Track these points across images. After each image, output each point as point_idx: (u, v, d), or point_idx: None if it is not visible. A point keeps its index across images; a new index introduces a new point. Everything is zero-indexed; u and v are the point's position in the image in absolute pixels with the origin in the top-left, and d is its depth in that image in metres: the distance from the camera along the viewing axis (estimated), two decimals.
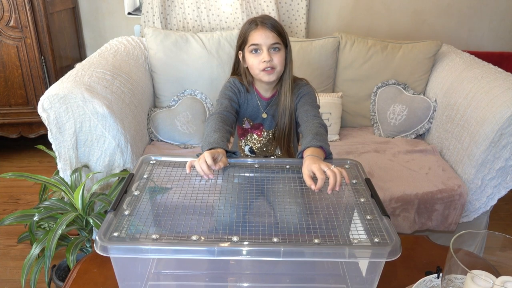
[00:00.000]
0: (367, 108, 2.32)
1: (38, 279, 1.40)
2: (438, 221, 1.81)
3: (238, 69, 1.53)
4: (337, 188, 1.01)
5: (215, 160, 1.08)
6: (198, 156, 1.08)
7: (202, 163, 1.04)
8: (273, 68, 1.39)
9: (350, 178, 1.09)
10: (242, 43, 1.43)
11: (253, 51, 1.40)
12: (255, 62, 1.39)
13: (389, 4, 2.64)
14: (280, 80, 1.46)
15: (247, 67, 1.46)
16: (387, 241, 0.83)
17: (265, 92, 1.50)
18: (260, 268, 1.03)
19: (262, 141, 1.56)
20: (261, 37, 1.37)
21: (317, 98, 1.50)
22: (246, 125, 1.56)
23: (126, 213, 0.89)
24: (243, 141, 1.59)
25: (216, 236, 0.81)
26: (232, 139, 1.66)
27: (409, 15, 2.67)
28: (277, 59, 1.38)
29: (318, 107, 1.46)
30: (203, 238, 0.81)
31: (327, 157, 1.19)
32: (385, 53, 2.25)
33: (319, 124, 1.32)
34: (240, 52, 1.47)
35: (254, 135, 1.56)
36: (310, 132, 1.27)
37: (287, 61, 1.43)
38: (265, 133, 1.55)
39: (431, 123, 2.15)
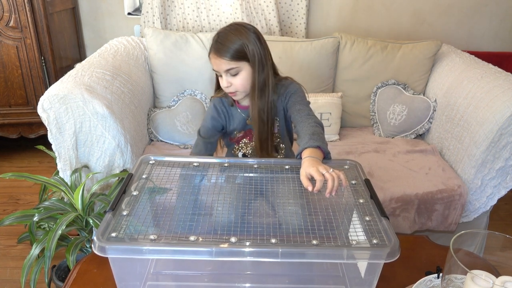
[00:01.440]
0: (367, 108, 2.32)
1: (38, 279, 1.40)
2: (438, 221, 1.81)
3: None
4: (333, 193, 0.99)
5: None
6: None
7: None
8: (235, 91, 1.36)
9: (349, 178, 1.08)
10: None
11: (217, 75, 1.40)
12: (221, 84, 1.38)
13: (389, 4, 2.64)
14: (252, 95, 1.39)
15: None
16: (385, 242, 0.83)
17: (245, 102, 1.48)
18: (259, 269, 1.03)
19: (252, 145, 1.54)
20: (216, 64, 1.34)
21: (306, 94, 1.47)
22: (237, 134, 1.55)
23: (125, 213, 0.89)
24: (236, 147, 1.58)
25: (215, 237, 0.81)
26: (223, 150, 1.68)
27: (409, 15, 2.67)
28: (237, 82, 1.34)
29: (308, 103, 1.44)
30: (201, 239, 0.81)
31: (326, 156, 1.17)
32: (385, 53, 2.25)
33: (314, 123, 1.29)
34: None
35: (245, 139, 1.55)
36: (306, 132, 1.24)
37: (256, 75, 1.35)
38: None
39: (431, 123, 2.14)
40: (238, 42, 1.31)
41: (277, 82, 1.44)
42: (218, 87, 1.50)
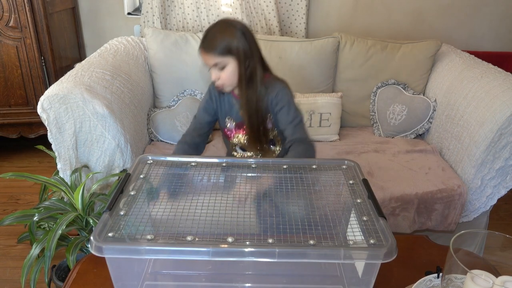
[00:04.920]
0: (367, 108, 2.32)
1: (38, 279, 1.40)
2: (438, 221, 1.81)
3: None
4: None
5: None
6: None
7: None
8: (222, 84, 1.44)
9: (347, 178, 1.09)
10: None
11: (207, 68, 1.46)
12: (211, 78, 1.46)
13: (389, 4, 2.64)
14: (240, 86, 1.46)
15: None
16: (383, 242, 0.83)
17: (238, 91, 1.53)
18: (256, 269, 1.03)
19: (247, 139, 1.58)
20: (204, 59, 1.42)
21: (294, 102, 1.49)
22: (230, 125, 1.58)
23: (122, 213, 0.89)
24: (234, 140, 1.62)
25: (212, 237, 0.81)
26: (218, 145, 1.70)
27: (409, 15, 2.67)
28: (224, 76, 1.42)
29: (297, 111, 1.48)
30: (198, 239, 0.81)
31: None
32: (385, 53, 2.25)
33: (302, 151, 1.40)
34: None
35: (240, 135, 1.59)
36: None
37: (243, 67, 1.41)
38: None
39: (430, 123, 2.14)
40: (223, 38, 1.38)
41: (269, 79, 1.49)
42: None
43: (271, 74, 1.52)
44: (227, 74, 1.41)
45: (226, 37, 1.38)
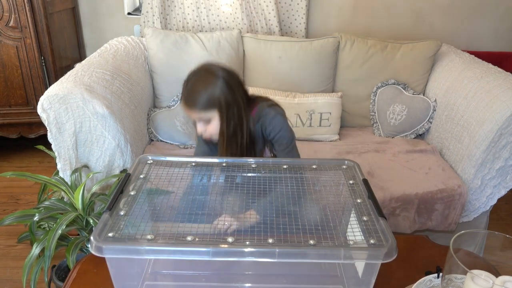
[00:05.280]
0: (367, 108, 2.32)
1: (38, 279, 1.40)
2: (438, 221, 1.81)
3: None
4: None
5: None
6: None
7: None
8: (210, 137, 1.38)
9: (347, 178, 1.09)
10: None
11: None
12: (197, 131, 1.40)
13: (389, 4, 2.64)
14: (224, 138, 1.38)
15: None
16: (383, 242, 0.83)
17: None
18: (256, 269, 1.03)
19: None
20: (187, 114, 1.37)
21: (287, 124, 1.45)
22: None
23: (122, 213, 0.89)
24: None
25: (212, 237, 0.81)
26: None
27: (409, 15, 2.67)
28: (211, 129, 1.36)
29: (290, 134, 1.44)
30: (197, 239, 0.81)
31: None
32: (385, 53, 2.25)
33: None
34: None
35: None
36: None
37: (225, 121, 1.33)
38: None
39: (431, 123, 2.14)
40: (205, 92, 1.30)
41: (257, 112, 1.42)
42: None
43: (258, 103, 1.44)
44: (214, 128, 1.35)
45: (208, 89, 1.30)
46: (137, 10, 2.74)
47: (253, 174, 1.11)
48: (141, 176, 1.05)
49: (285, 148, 1.44)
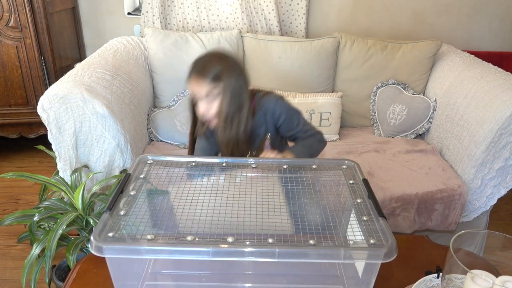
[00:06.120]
0: (367, 108, 2.32)
1: (38, 279, 1.40)
2: (438, 221, 1.81)
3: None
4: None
5: None
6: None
7: None
8: (212, 118, 1.36)
9: (347, 178, 1.09)
10: None
11: (193, 106, 1.39)
12: (197, 114, 1.38)
13: (389, 4, 2.64)
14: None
15: None
16: (383, 242, 0.83)
17: None
18: (256, 268, 1.03)
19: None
20: (196, 87, 1.32)
21: (290, 105, 1.47)
22: None
23: (122, 213, 0.89)
24: None
25: (212, 237, 0.81)
26: None
27: (409, 15, 2.67)
28: (214, 110, 1.33)
29: (296, 113, 1.46)
30: (198, 239, 0.81)
31: None
32: (385, 53, 2.25)
33: (308, 140, 1.46)
34: None
35: None
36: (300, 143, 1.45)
37: (230, 102, 1.32)
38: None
39: (431, 123, 2.14)
40: (217, 64, 1.31)
41: (258, 102, 1.44)
42: (193, 124, 1.48)
43: (254, 93, 1.45)
44: (218, 107, 1.33)
45: (221, 63, 1.31)
46: (137, 10, 2.74)
47: (252, 174, 1.11)
48: (141, 176, 1.05)
49: (297, 125, 1.44)
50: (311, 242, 0.82)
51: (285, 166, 1.13)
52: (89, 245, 1.51)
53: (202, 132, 1.45)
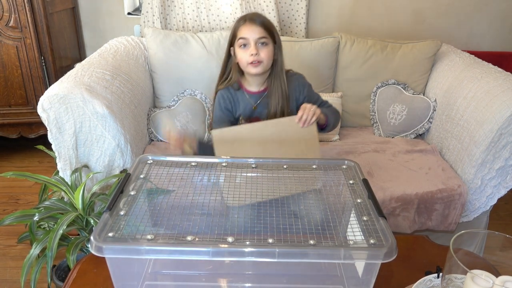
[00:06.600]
0: (367, 108, 2.32)
1: (38, 279, 1.40)
2: (438, 221, 1.81)
3: (227, 67, 1.60)
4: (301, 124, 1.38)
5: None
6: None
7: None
8: (259, 61, 1.47)
9: (347, 178, 1.09)
10: (232, 39, 1.52)
11: (242, 46, 1.48)
12: (243, 56, 1.48)
13: (389, 4, 2.64)
14: (271, 74, 1.55)
15: (237, 63, 1.54)
16: (383, 242, 0.83)
17: (256, 87, 1.58)
18: (256, 268, 1.03)
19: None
20: (248, 32, 1.46)
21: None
22: (243, 123, 1.60)
23: (122, 213, 0.89)
24: None
25: (212, 237, 0.81)
26: None
27: (409, 15, 2.67)
28: (264, 53, 1.47)
29: (318, 95, 1.67)
30: (197, 239, 0.81)
31: (326, 123, 1.55)
32: (385, 53, 2.25)
33: (333, 110, 1.63)
34: (231, 48, 1.54)
35: None
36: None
37: (277, 55, 1.52)
38: None
39: (430, 123, 2.14)
40: (270, 23, 1.50)
41: (288, 73, 1.60)
42: (222, 77, 1.61)
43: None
44: (267, 53, 1.47)
45: (270, 22, 1.50)
46: (137, 10, 2.74)
47: (253, 174, 1.11)
48: (141, 176, 1.05)
49: (317, 100, 1.62)
50: (311, 242, 0.82)
51: (285, 166, 1.13)
52: (89, 245, 1.51)
53: (234, 81, 1.57)
